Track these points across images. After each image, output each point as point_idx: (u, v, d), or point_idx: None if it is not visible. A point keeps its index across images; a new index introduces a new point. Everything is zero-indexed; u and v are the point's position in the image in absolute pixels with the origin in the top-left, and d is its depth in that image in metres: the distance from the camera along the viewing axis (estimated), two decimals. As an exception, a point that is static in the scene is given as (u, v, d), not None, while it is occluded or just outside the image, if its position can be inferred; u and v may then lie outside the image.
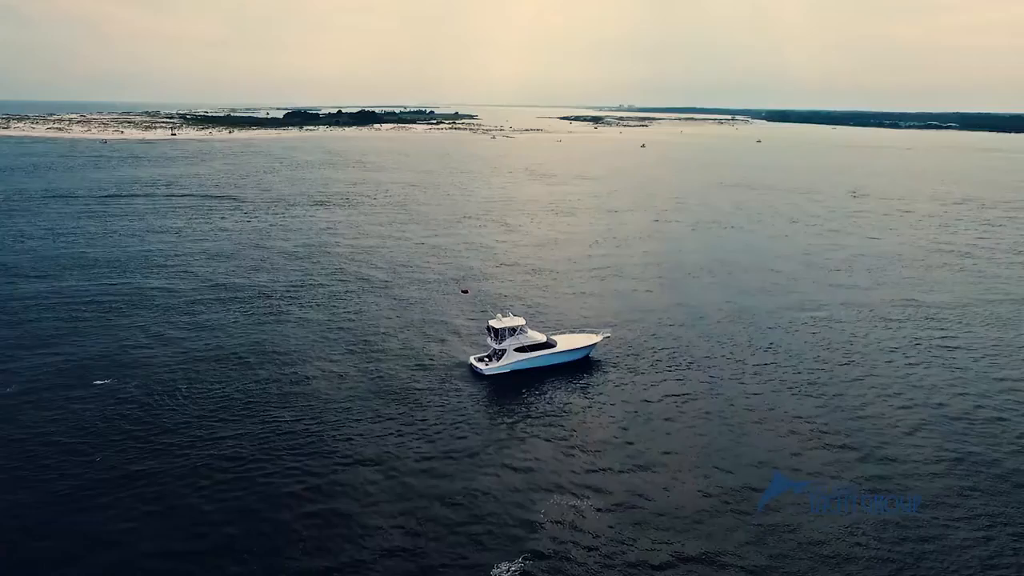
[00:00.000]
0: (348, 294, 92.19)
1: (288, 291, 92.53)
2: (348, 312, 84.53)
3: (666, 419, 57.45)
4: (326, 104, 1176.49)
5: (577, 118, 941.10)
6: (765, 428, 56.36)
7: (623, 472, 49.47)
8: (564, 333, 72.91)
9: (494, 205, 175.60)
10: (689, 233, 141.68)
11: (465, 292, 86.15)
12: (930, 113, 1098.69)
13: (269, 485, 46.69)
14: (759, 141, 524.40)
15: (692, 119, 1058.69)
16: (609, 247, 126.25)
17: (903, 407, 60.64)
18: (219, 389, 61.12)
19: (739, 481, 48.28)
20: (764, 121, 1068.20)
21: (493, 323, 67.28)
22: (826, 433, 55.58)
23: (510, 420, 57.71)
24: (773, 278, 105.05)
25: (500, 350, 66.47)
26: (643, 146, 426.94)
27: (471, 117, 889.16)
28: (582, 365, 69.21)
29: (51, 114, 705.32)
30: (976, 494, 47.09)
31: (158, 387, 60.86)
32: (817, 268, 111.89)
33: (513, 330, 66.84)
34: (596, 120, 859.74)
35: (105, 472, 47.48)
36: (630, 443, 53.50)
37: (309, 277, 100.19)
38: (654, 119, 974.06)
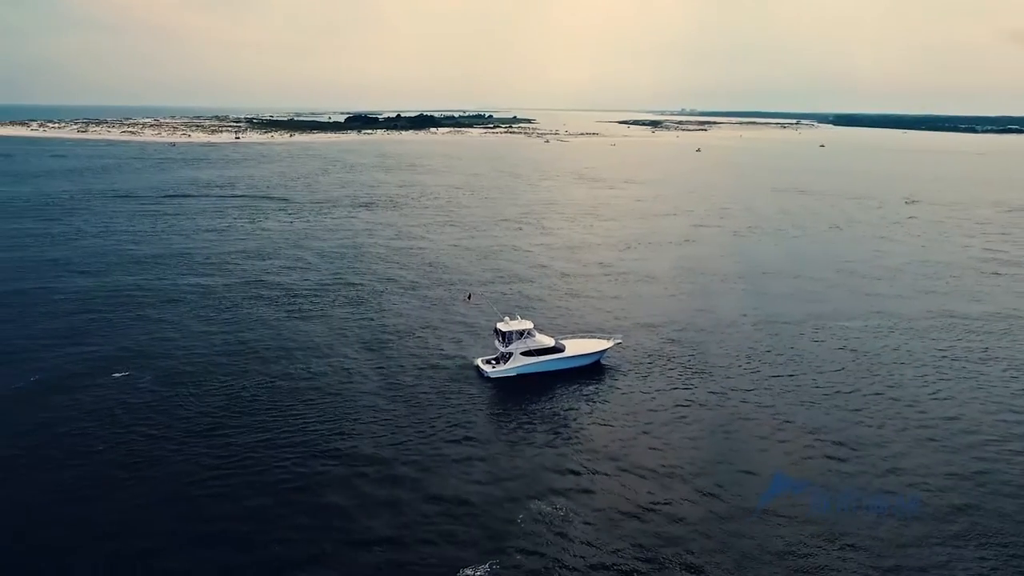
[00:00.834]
0: (373, 294, 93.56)
1: (316, 290, 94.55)
2: (370, 311, 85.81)
3: (668, 429, 56.20)
4: (389, 108, 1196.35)
5: (636, 122, 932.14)
6: (772, 441, 54.57)
7: (613, 477, 48.73)
8: (574, 337, 72.12)
9: (534, 208, 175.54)
10: (728, 239, 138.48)
11: (469, 298, 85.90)
12: (1010, 117, 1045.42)
13: (262, 474, 47.87)
14: (822, 146, 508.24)
15: (754, 123, 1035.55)
16: (643, 251, 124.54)
17: (922, 426, 57.75)
18: (230, 381, 62.95)
19: (735, 493, 46.94)
20: (831, 125, 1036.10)
21: (500, 326, 67.18)
22: (840, 445, 53.47)
23: (507, 424, 57.50)
24: (807, 286, 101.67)
25: (507, 353, 66.35)
26: (698, 150, 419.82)
27: (529, 121, 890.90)
28: (592, 371, 68.37)
29: (127, 118, 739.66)
30: (979, 512, 44.58)
31: (172, 379, 63.09)
32: (855, 276, 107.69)
33: (520, 333, 66.56)
34: (654, 124, 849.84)
35: (108, 462, 49.53)
36: (627, 451, 52.61)
37: (339, 276, 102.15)
38: (714, 123, 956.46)
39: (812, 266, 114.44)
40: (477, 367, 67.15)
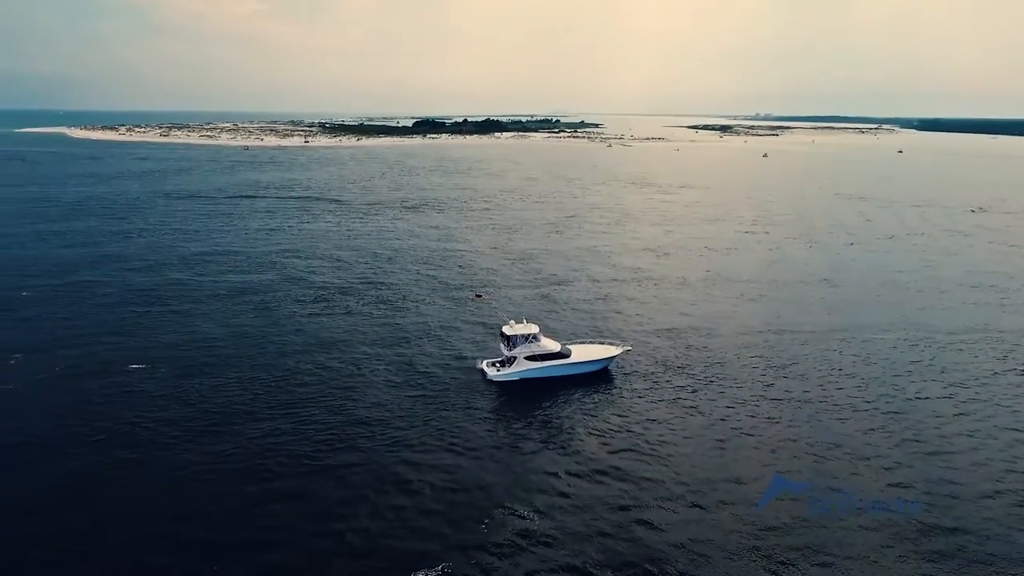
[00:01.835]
0: (400, 293, 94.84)
1: (346, 288, 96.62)
2: (393, 310, 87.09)
3: (662, 442, 54.76)
4: (460, 113, 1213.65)
5: (705, 127, 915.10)
6: (773, 458, 52.72)
7: (594, 486, 48.11)
8: (582, 343, 71.34)
9: (580, 212, 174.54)
10: (774, 246, 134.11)
11: (479, 297, 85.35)
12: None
13: (252, 461, 49.47)
14: (900, 152, 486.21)
15: (831, 128, 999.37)
16: (681, 257, 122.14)
17: (939, 450, 54.65)
18: (241, 375, 65.22)
19: (722, 514, 45.65)
20: (914, 130, 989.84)
21: (505, 329, 67.14)
22: (850, 462, 51.24)
23: (498, 429, 57.08)
24: (845, 296, 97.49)
25: (511, 357, 66.27)
26: (765, 156, 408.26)
27: (596, 126, 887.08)
28: (598, 378, 67.49)
29: (208, 123, 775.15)
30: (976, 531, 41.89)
31: (186, 372, 65.85)
32: (900, 288, 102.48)
33: (525, 337, 66.36)
34: (724, 129, 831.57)
35: (116, 448, 52.19)
36: (613, 462, 51.74)
37: (371, 276, 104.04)
38: (787, 128, 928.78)
39: (856, 276, 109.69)
40: (481, 370, 67.28)
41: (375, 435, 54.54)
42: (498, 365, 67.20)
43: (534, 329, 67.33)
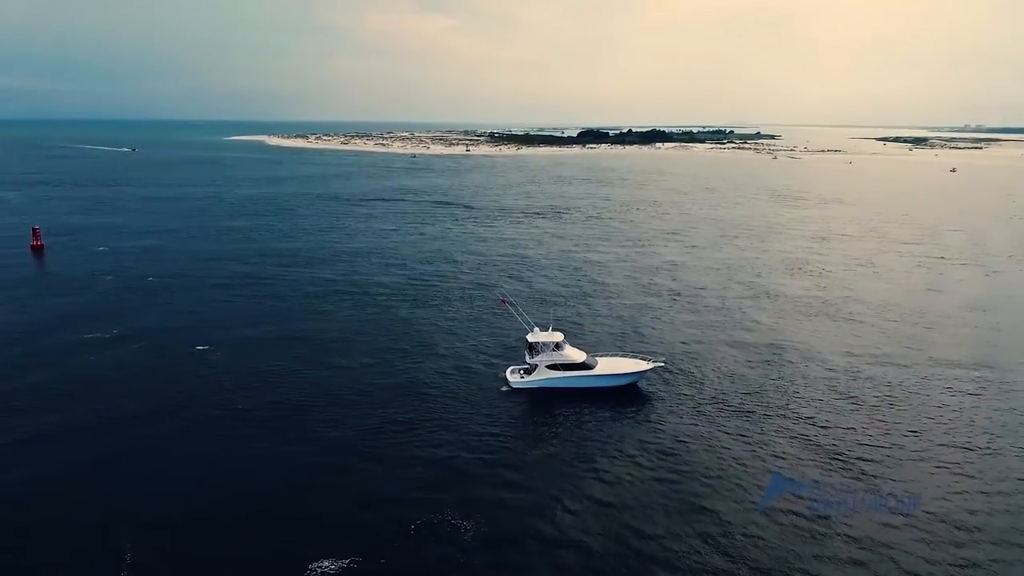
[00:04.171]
0: (467, 297, 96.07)
1: (424, 291, 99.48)
2: (454, 315, 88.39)
3: (674, 471, 50.45)
4: (631, 124, 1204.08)
5: (897, 139, 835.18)
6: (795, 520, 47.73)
7: (582, 513, 46.17)
8: (612, 355, 68.33)
9: (701, 224, 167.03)
10: (905, 268, 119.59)
11: (504, 302, 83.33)
12: None
13: (250, 449, 53.00)
14: None
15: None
16: (781, 276, 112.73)
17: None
18: (272, 367, 69.61)
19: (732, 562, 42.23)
20: None
21: (529, 336, 66.06)
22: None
23: (503, 438, 55.52)
24: (954, 327, 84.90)
25: (532, 365, 65.21)
26: (952, 170, 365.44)
27: (771, 137, 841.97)
28: (624, 394, 64.32)
29: (388, 132, 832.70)
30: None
31: (234, 357, 71.52)
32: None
33: (548, 345, 64.99)
34: (916, 142, 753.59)
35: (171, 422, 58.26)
36: (610, 489, 48.93)
37: (455, 281, 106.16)
38: (996, 141, 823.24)
39: (985, 307, 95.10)
40: (505, 377, 66.71)
41: (372, 433, 56.09)
42: (521, 372, 66.37)
43: (558, 337, 65.69)
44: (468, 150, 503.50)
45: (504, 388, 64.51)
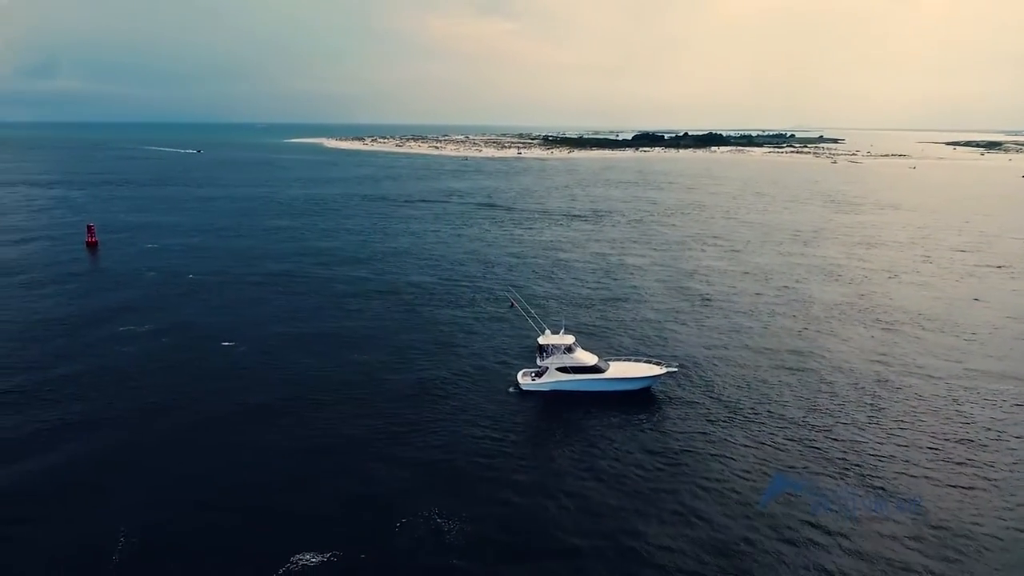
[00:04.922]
0: (493, 299, 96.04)
1: (452, 291, 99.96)
2: (478, 315, 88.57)
3: (677, 479, 49.49)
4: (691, 127, 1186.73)
5: (968, 143, 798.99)
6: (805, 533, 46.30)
7: (572, 522, 45.85)
8: (625, 359, 67.31)
9: (743, 229, 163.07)
10: (951, 278, 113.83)
11: (512, 306, 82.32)
12: None
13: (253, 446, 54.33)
14: None
15: None
16: (819, 282, 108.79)
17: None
18: (302, 362, 71.16)
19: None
20: None
21: (540, 339, 65.66)
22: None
23: (505, 440, 55.39)
24: (993, 339, 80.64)
25: (543, 368, 64.83)
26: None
27: (834, 141, 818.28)
28: (636, 399, 63.32)
29: (444, 135, 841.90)
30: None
31: (258, 353, 73.39)
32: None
33: (559, 348, 64.51)
34: (990, 146, 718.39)
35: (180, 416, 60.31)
36: (617, 498, 48.35)
37: (485, 282, 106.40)
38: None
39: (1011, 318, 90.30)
40: (516, 379, 66.49)
41: (377, 431, 56.71)
42: (532, 375, 66.06)
43: (569, 340, 65.13)
44: (520, 153, 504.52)
45: (512, 389, 64.36)
